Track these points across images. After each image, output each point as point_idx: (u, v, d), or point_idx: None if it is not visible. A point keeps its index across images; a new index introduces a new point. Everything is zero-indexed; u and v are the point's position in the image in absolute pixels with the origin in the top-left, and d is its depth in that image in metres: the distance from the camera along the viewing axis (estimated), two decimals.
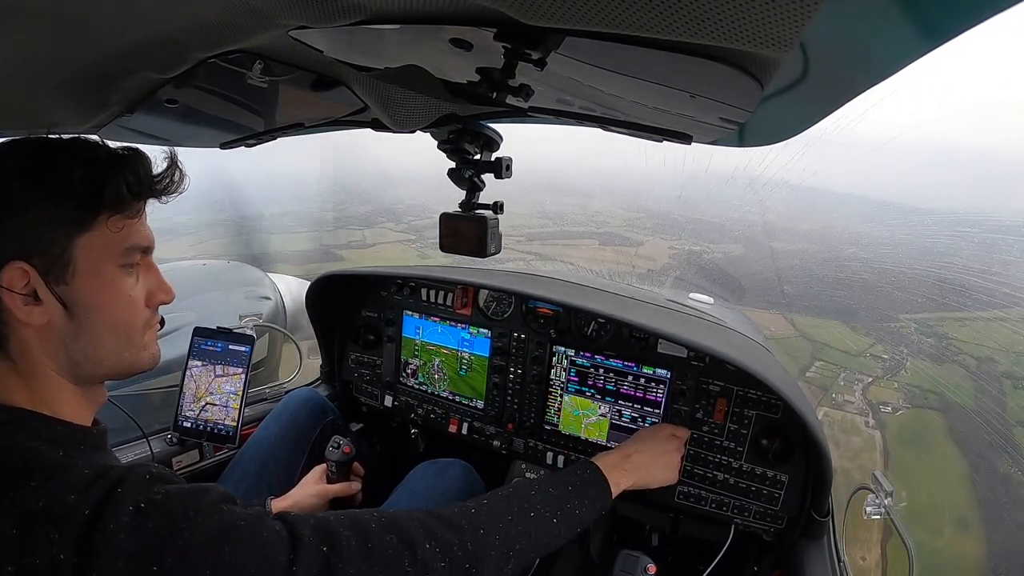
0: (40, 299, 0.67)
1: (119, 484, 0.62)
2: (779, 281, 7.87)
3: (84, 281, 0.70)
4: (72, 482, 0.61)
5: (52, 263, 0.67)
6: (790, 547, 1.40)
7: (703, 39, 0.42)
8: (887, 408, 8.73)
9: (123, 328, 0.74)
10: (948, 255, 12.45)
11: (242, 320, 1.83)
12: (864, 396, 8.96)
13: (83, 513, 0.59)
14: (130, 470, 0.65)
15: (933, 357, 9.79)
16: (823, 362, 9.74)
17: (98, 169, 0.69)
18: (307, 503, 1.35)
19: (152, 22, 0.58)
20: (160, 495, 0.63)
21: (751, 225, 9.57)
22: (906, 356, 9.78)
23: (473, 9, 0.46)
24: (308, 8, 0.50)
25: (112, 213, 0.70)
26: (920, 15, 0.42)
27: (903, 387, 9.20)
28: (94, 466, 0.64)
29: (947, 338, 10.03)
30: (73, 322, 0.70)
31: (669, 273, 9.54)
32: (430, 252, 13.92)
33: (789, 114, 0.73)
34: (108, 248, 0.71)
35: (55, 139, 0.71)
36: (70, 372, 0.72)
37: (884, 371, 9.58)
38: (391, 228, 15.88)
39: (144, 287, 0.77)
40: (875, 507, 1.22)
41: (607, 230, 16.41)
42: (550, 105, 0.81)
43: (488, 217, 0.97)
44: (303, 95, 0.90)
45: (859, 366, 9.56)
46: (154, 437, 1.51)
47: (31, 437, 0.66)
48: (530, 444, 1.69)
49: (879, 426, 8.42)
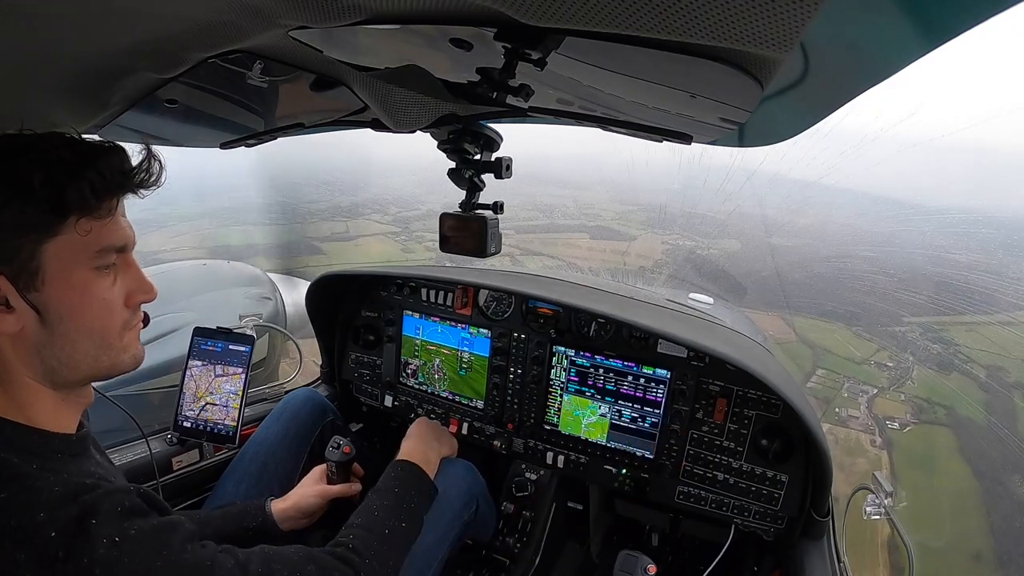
0: (12, 307, 0.66)
1: (92, 514, 0.62)
2: (779, 279, 7.53)
3: (55, 287, 0.67)
4: (42, 498, 0.61)
5: (20, 270, 0.65)
6: (790, 547, 1.40)
7: (703, 39, 0.42)
8: (894, 424, 8.17)
9: (98, 333, 0.72)
10: (949, 252, 12.11)
11: (242, 320, 1.82)
12: (870, 410, 8.41)
13: (49, 535, 0.59)
14: (103, 497, 0.65)
15: (940, 365, 9.31)
16: (826, 370, 9.22)
17: (59, 172, 0.66)
18: (307, 504, 1.35)
19: (152, 22, 0.58)
20: (134, 531, 0.64)
21: (749, 218, 9.30)
22: (912, 364, 9.27)
23: (473, 9, 0.46)
24: (308, 8, 0.50)
25: (80, 215, 0.67)
26: (920, 15, 0.42)
27: (910, 399, 8.63)
28: (65, 483, 0.64)
29: (953, 344, 9.56)
30: (46, 329, 0.68)
31: (663, 270, 9.33)
32: (413, 246, 13.47)
33: (789, 114, 0.73)
34: (78, 252, 0.68)
35: (23, 138, 0.67)
36: (47, 378, 0.71)
37: (890, 381, 9.05)
38: (376, 220, 15.32)
39: (122, 288, 0.74)
40: (875, 507, 1.22)
41: (599, 224, 15.93)
42: (550, 105, 0.81)
43: (488, 217, 0.97)
44: (303, 95, 0.89)
45: (863, 375, 9.06)
46: (154, 437, 1.51)
47: (5, 447, 0.65)
48: (530, 444, 1.69)
49: (886, 445, 7.84)
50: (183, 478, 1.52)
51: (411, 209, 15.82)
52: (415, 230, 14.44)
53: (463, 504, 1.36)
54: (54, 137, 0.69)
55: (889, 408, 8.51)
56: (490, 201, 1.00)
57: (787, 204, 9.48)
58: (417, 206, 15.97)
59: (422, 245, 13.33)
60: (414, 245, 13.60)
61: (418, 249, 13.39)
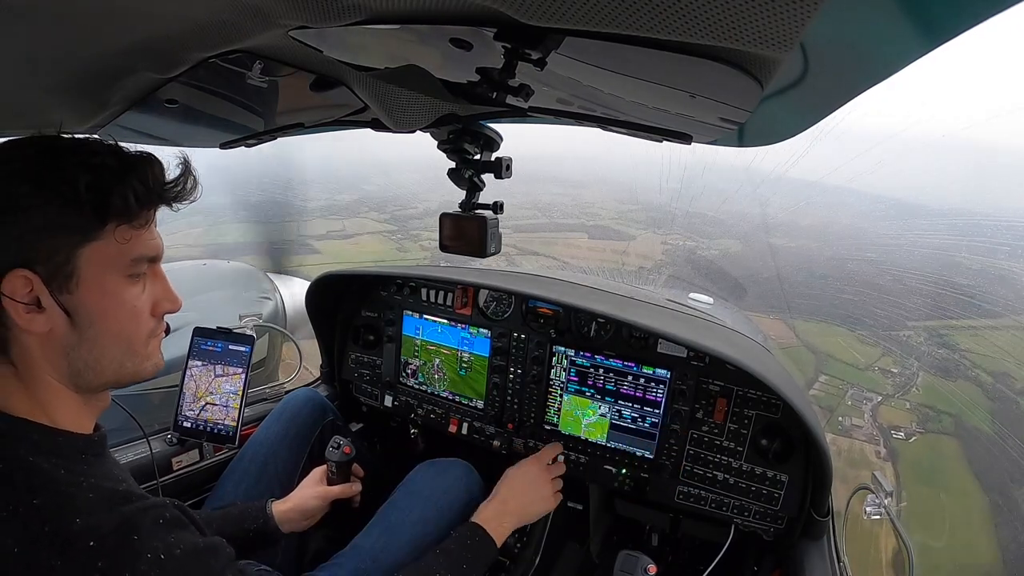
0: (43, 307, 0.66)
1: (134, 529, 0.62)
2: (780, 283, 7.28)
3: (88, 291, 0.68)
4: (77, 505, 0.61)
5: (55, 272, 0.66)
6: (790, 547, 1.40)
7: (703, 39, 0.42)
8: (899, 434, 7.91)
9: (126, 338, 0.73)
10: (951, 254, 11.84)
11: (242, 320, 1.82)
12: (874, 419, 8.15)
13: (88, 544, 0.59)
14: (143, 512, 0.65)
15: (945, 372, 8.97)
16: (829, 377, 8.94)
17: (106, 177, 0.67)
18: (308, 505, 1.34)
19: (152, 22, 0.58)
20: (179, 549, 0.65)
21: (749, 218, 8.92)
22: (917, 371, 8.94)
23: (473, 9, 0.46)
24: (308, 8, 0.50)
25: (119, 223, 0.68)
26: (920, 15, 0.42)
27: (915, 408, 8.34)
28: (98, 489, 0.64)
29: (958, 350, 9.19)
30: (76, 331, 0.69)
31: (663, 271, 9.18)
32: (408, 245, 13.21)
33: (789, 114, 0.73)
34: (114, 259, 0.69)
35: (65, 140, 0.69)
36: (71, 380, 0.71)
37: (895, 388, 8.75)
38: (372, 218, 14.96)
39: (150, 297, 0.76)
40: (875, 507, 1.22)
41: (598, 223, 15.62)
42: (550, 105, 0.81)
43: (488, 217, 0.97)
44: (303, 95, 0.89)
45: (867, 382, 8.77)
46: (154, 437, 1.50)
47: (33, 450, 0.65)
48: (530, 444, 1.69)
49: (891, 456, 7.58)
50: (183, 478, 1.52)
51: (409, 207, 15.61)
52: (412, 228, 14.25)
53: (461, 505, 1.36)
54: (95, 143, 0.70)
55: (894, 417, 8.26)
56: (490, 201, 1.00)
57: (789, 204, 9.29)
58: (415, 204, 15.70)
59: (418, 244, 13.11)
60: (409, 244, 13.35)
61: (413, 248, 13.16)
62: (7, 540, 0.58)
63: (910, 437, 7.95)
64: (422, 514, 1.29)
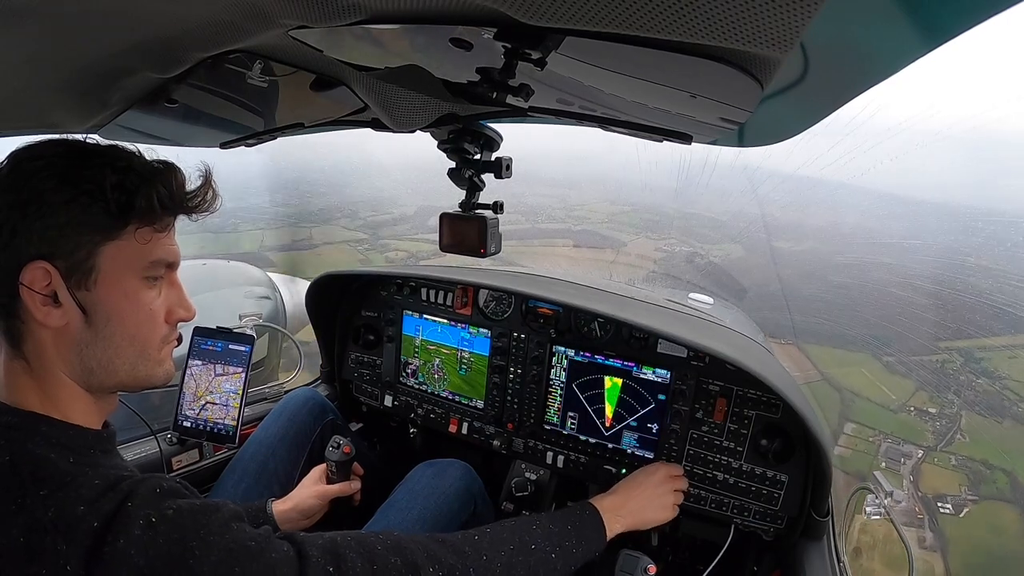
0: (60, 302, 0.67)
1: (129, 497, 0.62)
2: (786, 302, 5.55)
3: (106, 289, 0.69)
4: (82, 493, 0.61)
5: (75, 267, 0.67)
6: (790, 547, 1.40)
7: (703, 39, 0.42)
8: (947, 506, 5.98)
9: (140, 341, 0.74)
10: (966, 256, 10.37)
11: (242, 320, 1.82)
12: (915, 486, 6.24)
13: (92, 525, 0.59)
14: (141, 482, 0.65)
15: (990, 409, 7.22)
16: (856, 425, 7.14)
17: (132, 178, 0.69)
18: (307, 504, 1.35)
19: (152, 22, 0.58)
20: (171, 510, 0.63)
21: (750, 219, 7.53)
22: (959, 410, 7.22)
23: (473, 9, 0.46)
24: (308, 8, 0.50)
25: (141, 224, 0.70)
26: (920, 15, 0.42)
27: (962, 464, 6.54)
28: (104, 476, 0.64)
29: (999, 378, 7.51)
30: (91, 329, 0.70)
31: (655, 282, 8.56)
32: (374, 256, 12.13)
33: (789, 114, 0.73)
34: (133, 259, 0.71)
35: (92, 143, 0.71)
36: (83, 379, 0.72)
37: (936, 437, 6.96)
38: (343, 225, 13.76)
39: (165, 302, 0.77)
40: (875, 507, 1.22)
41: (585, 227, 14.41)
42: (550, 105, 0.81)
43: (488, 217, 0.97)
44: (303, 95, 0.89)
45: (903, 430, 7.00)
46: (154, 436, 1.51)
47: (41, 443, 0.66)
48: (530, 444, 1.69)
49: (940, 542, 5.54)
50: (183, 478, 1.52)
51: (383, 212, 14.70)
52: (382, 236, 13.33)
53: (460, 504, 1.36)
54: (122, 149, 0.72)
55: (938, 479, 6.44)
56: (490, 201, 1.00)
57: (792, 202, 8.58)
58: (391, 209, 14.79)
59: (383, 256, 12.22)
60: (375, 256, 12.29)
61: (378, 260, 12.05)
62: (13, 531, 0.58)
63: (960, 510, 6.06)
64: (421, 514, 1.29)
